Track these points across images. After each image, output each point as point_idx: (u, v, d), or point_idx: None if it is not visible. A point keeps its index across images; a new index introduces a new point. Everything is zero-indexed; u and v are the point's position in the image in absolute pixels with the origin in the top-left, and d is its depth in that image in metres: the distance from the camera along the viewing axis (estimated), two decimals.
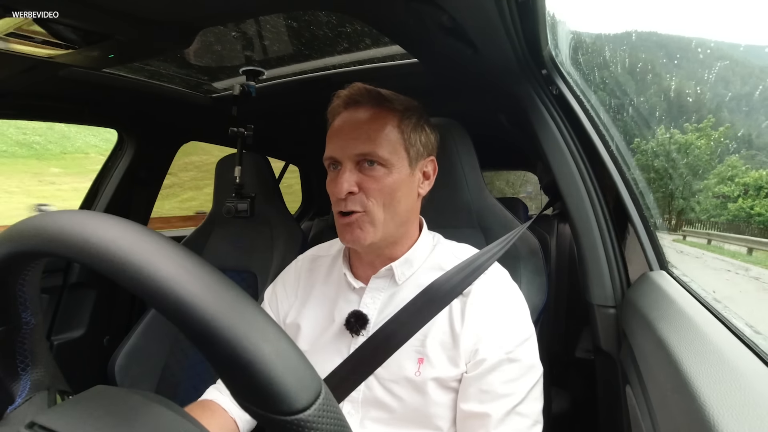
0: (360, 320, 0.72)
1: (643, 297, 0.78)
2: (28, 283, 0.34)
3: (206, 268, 0.27)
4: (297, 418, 0.24)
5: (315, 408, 0.25)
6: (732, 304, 0.67)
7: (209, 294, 0.25)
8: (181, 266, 0.25)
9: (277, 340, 0.25)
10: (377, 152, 0.69)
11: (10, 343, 0.35)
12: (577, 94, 1.01)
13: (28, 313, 0.35)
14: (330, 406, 0.26)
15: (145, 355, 1.27)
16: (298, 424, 0.24)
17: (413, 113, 0.74)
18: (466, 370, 0.67)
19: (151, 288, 0.25)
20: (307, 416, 0.24)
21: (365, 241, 0.70)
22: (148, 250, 0.26)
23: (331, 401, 0.26)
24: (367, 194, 0.69)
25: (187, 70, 1.28)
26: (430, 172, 0.77)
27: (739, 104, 2.94)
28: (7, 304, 0.34)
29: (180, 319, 0.24)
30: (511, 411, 0.64)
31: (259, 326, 0.25)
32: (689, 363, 0.49)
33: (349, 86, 0.74)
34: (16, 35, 0.75)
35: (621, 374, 0.80)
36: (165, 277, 0.25)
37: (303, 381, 0.25)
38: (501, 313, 0.70)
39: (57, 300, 1.42)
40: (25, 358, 0.36)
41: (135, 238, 0.26)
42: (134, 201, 1.62)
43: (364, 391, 0.70)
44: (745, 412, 0.39)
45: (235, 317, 0.25)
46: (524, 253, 0.95)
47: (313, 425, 0.24)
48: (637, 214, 0.91)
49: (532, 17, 0.77)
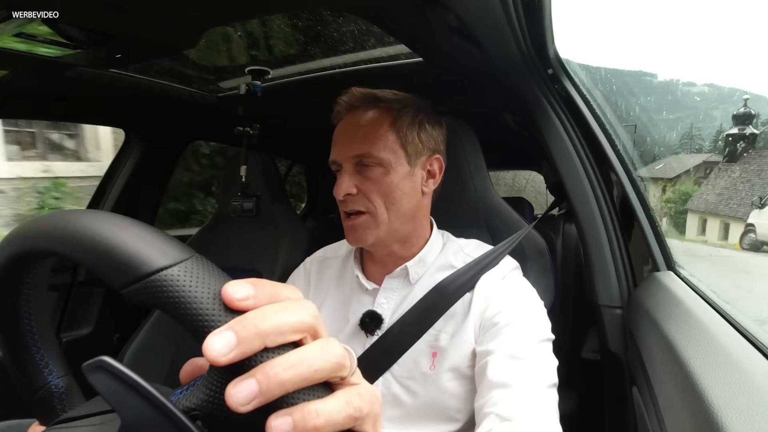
0: (375, 320, 0.73)
1: (650, 297, 0.77)
2: (43, 343, 0.33)
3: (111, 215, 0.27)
4: (154, 278, 0.23)
5: (177, 268, 0.24)
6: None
7: (87, 218, 0.26)
8: (92, 216, 0.26)
9: (126, 225, 0.26)
10: (372, 152, 0.70)
11: (48, 405, 0.34)
12: (583, 93, 1.01)
13: (53, 376, 0.34)
14: (198, 267, 0.24)
15: (152, 352, 1.28)
16: (158, 281, 0.23)
17: (409, 110, 0.74)
18: (475, 344, 0.67)
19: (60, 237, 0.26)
20: (165, 274, 0.23)
21: (368, 240, 0.72)
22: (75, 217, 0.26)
23: (201, 263, 0.25)
24: (367, 195, 0.71)
25: (193, 69, 1.28)
26: (436, 170, 0.77)
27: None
28: (28, 369, 0.33)
29: (65, 245, 0.25)
30: (510, 354, 0.62)
31: (113, 220, 0.26)
32: (697, 364, 0.49)
33: (346, 92, 0.75)
34: (24, 35, 0.76)
35: (628, 375, 0.80)
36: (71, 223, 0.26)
37: (157, 247, 0.24)
38: (506, 287, 0.72)
39: (65, 297, 1.43)
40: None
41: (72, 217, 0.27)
42: (141, 199, 1.63)
43: (381, 390, 0.71)
44: (754, 414, 0.38)
45: (94, 220, 0.25)
46: (531, 253, 0.94)
47: (174, 280, 0.23)
48: (644, 214, 0.90)
49: (538, 16, 0.77)
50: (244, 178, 1.30)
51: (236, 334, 0.21)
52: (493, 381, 0.60)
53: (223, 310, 0.23)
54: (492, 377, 0.60)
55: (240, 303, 0.23)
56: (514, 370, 0.60)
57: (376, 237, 0.72)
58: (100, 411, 0.28)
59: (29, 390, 0.34)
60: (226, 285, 0.23)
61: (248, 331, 0.21)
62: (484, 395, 0.60)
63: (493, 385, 0.59)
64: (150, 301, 0.23)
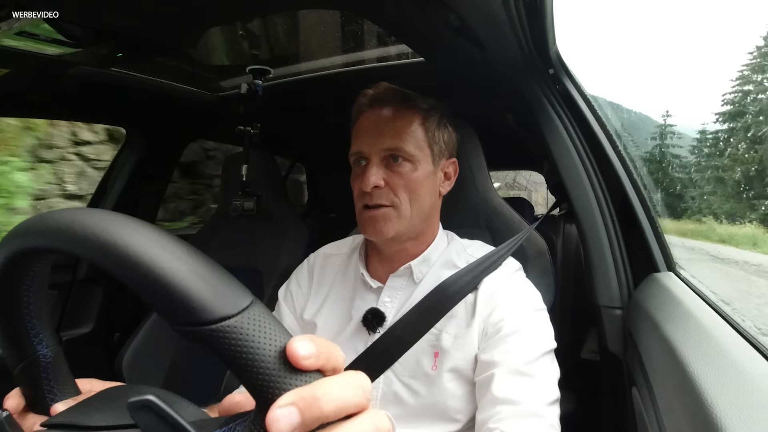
0: (377, 317, 0.74)
1: (650, 298, 0.77)
2: (36, 314, 0.33)
3: (148, 227, 0.26)
4: (221, 326, 0.23)
5: (242, 316, 0.24)
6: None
7: (137, 236, 0.25)
8: (125, 226, 0.25)
9: (194, 262, 0.25)
10: (404, 147, 0.72)
11: (34, 377, 0.34)
12: (584, 93, 1.01)
13: (42, 346, 0.34)
14: (261, 317, 0.24)
15: (152, 351, 1.28)
16: (224, 330, 0.23)
17: (437, 111, 0.77)
18: (478, 349, 0.68)
19: (94, 247, 0.24)
20: (232, 323, 0.23)
21: (388, 233, 0.72)
22: (105, 221, 0.25)
23: (264, 313, 0.25)
24: (394, 189, 0.72)
25: (195, 68, 1.28)
26: (452, 173, 0.81)
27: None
28: (18, 338, 0.33)
29: (108, 261, 0.24)
30: (516, 370, 0.63)
31: (177, 252, 0.25)
32: (696, 365, 0.49)
33: (374, 85, 0.77)
34: (25, 33, 0.76)
35: (627, 375, 0.80)
36: (103, 232, 0.25)
37: (224, 293, 0.24)
38: (510, 291, 0.72)
39: (65, 296, 1.43)
40: (53, 389, 0.35)
41: (100, 218, 0.26)
42: (142, 198, 1.63)
43: (382, 388, 0.71)
44: (753, 414, 0.38)
45: (155, 248, 0.24)
46: (532, 254, 0.94)
47: (240, 330, 0.23)
48: (645, 215, 0.90)
49: (539, 16, 0.77)
50: (245, 178, 1.30)
51: (301, 414, 0.21)
52: (498, 397, 0.60)
53: (286, 370, 0.23)
54: (497, 393, 0.61)
55: (305, 362, 0.23)
56: (519, 388, 0.61)
57: (397, 230, 0.72)
58: (118, 425, 0.29)
59: (17, 359, 0.33)
60: (291, 343, 0.23)
61: (312, 414, 0.22)
62: (489, 409, 0.61)
63: (498, 401, 0.60)
64: (208, 346, 0.23)
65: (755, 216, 15.96)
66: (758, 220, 15.30)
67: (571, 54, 1.35)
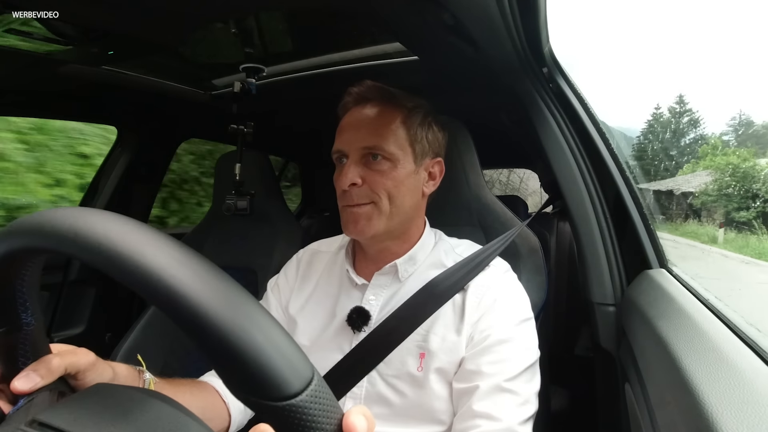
0: (362, 316, 0.73)
1: (643, 295, 0.78)
2: (27, 283, 0.33)
3: (198, 259, 0.27)
4: (290, 404, 0.25)
5: (307, 393, 0.25)
6: None
7: (200, 284, 0.25)
8: (172, 257, 0.26)
9: (268, 328, 0.26)
10: (382, 146, 0.71)
11: (11, 344, 0.36)
12: (577, 92, 1.01)
13: (27, 314, 0.35)
14: (321, 391, 0.26)
15: (145, 352, 1.26)
16: (290, 409, 0.25)
17: (420, 110, 0.76)
18: (465, 354, 0.67)
19: (144, 281, 0.25)
20: (299, 401, 0.25)
21: (369, 232, 0.72)
22: (141, 243, 0.26)
23: (322, 386, 0.27)
24: (373, 187, 0.71)
25: (187, 66, 1.27)
26: (437, 173, 0.79)
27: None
28: (5, 305, 0.34)
29: (172, 310, 0.24)
30: (499, 386, 0.63)
31: (250, 314, 0.25)
32: (688, 361, 0.49)
33: (359, 83, 0.75)
34: (15, 31, 0.75)
35: (620, 372, 0.80)
36: (156, 268, 0.25)
37: (295, 366, 0.25)
38: (499, 297, 0.71)
39: (57, 297, 1.41)
40: (27, 360, 0.36)
41: (129, 232, 0.26)
42: (134, 198, 1.62)
43: (366, 387, 0.70)
44: (745, 409, 0.39)
45: (226, 306, 0.25)
46: (524, 251, 0.95)
47: (306, 409, 0.25)
48: (637, 212, 0.91)
49: (532, 15, 0.77)
50: (239, 177, 1.29)
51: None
52: (477, 411, 0.61)
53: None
54: (477, 408, 0.62)
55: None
56: (500, 405, 0.62)
57: (377, 229, 0.72)
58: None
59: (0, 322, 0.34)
60: (348, 418, 0.27)
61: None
62: (467, 420, 0.62)
63: (477, 415, 0.61)
64: (270, 419, 0.25)
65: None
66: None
67: (565, 53, 1.35)
